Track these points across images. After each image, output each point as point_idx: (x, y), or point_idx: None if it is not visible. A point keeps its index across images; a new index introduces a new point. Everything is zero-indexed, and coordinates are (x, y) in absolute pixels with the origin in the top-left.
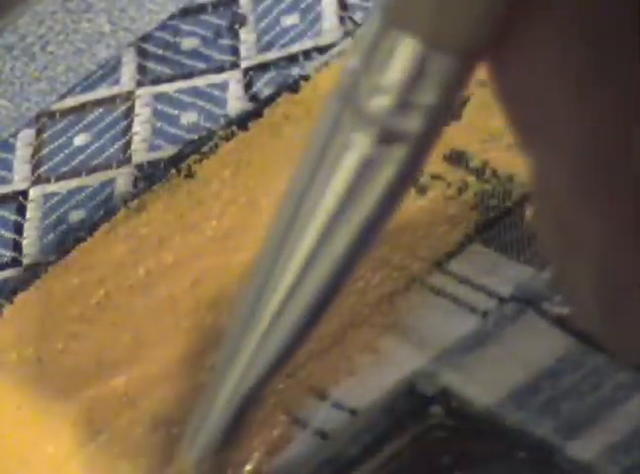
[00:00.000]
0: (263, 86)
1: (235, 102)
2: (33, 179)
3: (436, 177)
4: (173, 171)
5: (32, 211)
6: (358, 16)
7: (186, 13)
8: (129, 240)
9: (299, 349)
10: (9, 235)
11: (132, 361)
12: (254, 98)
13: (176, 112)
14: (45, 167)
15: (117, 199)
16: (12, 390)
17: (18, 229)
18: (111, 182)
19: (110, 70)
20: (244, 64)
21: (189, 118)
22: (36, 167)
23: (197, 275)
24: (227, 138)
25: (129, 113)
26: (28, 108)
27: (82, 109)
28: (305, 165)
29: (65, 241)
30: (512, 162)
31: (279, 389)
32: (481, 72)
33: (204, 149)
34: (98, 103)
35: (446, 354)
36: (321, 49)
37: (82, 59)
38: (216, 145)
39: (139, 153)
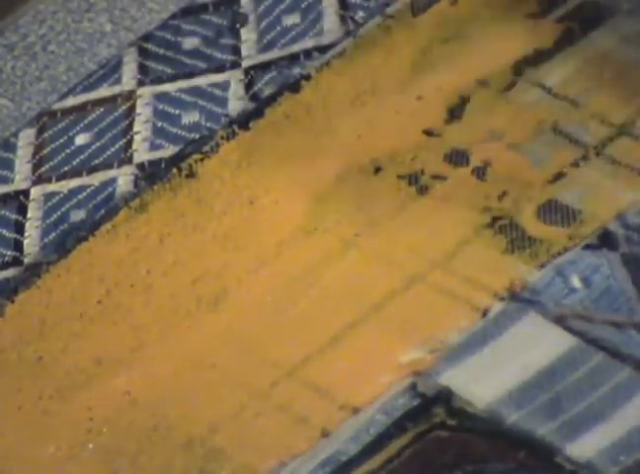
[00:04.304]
0: (264, 85)
1: (236, 101)
2: (34, 178)
3: (436, 177)
4: (174, 170)
5: (33, 211)
6: (359, 15)
7: (187, 12)
8: (130, 239)
9: None
10: (10, 234)
11: (133, 361)
12: (255, 97)
13: (177, 111)
14: (46, 166)
15: (117, 199)
16: (12, 390)
17: (19, 229)
18: (112, 181)
19: (111, 70)
20: (245, 64)
21: (190, 117)
22: (37, 166)
23: (197, 274)
24: (228, 138)
25: (130, 112)
26: (29, 107)
27: (83, 108)
28: None
29: (66, 240)
30: (512, 161)
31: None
32: (481, 72)
33: (206, 149)
34: (99, 102)
35: (447, 353)
36: (322, 49)
37: (83, 59)
38: (217, 145)
39: (140, 153)
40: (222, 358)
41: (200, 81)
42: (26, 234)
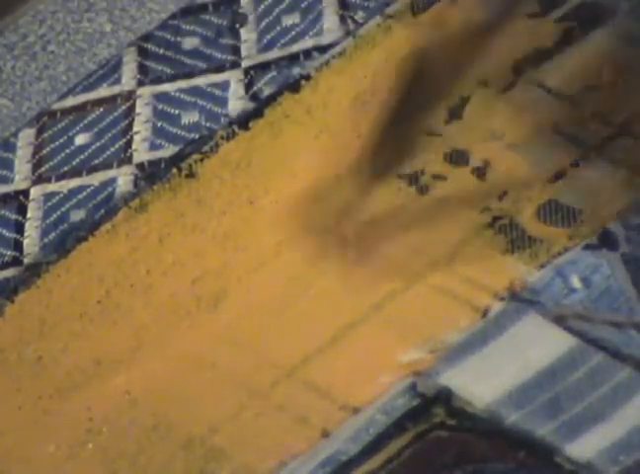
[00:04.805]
0: (263, 85)
1: (236, 101)
2: (33, 178)
3: (436, 176)
4: (174, 170)
5: (32, 211)
6: (358, 15)
7: (187, 12)
8: (130, 239)
9: None
10: (10, 235)
11: (133, 361)
12: (255, 97)
13: (177, 111)
14: (46, 166)
15: (117, 199)
16: (12, 390)
17: (19, 229)
18: (111, 181)
19: (110, 70)
20: (245, 64)
21: (190, 117)
22: (36, 166)
23: (197, 274)
24: (228, 138)
25: (130, 112)
26: (29, 107)
27: (83, 108)
28: None
29: (66, 240)
30: (512, 161)
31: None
32: (481, 72)
33: (205, 149)
34: (99, 102)
35: (447, 353)
36: (322, 49)
37: (83, 59)
38: (217, 145)
39: (140, 153)
40: (222, 358)
41: (200, 81)
42: (26, 234)
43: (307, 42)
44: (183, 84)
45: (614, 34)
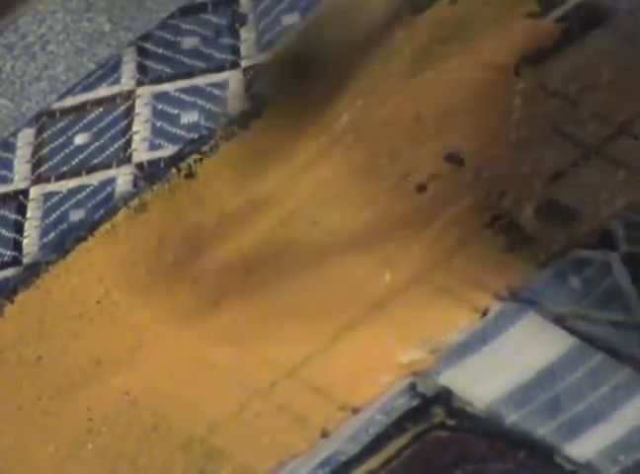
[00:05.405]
0: (263, 85)
1: (235, 101)
2: (33, 178)
3: (435, 176)
4: (173, 170)
5: (32, 211)
6: None
7: (186, 12)
8: (129, 239)
9: None
10: (9, 234)
11: (132, 360)
12: (254, 97)
13: (176, 111)
14: (46, 166)
15: (117, 199)
16: (12, 390)
17: (18, 228)
18: (111, 181)
19: (110, 69)
20: (244, 63)
21: (189, 117)
22: (36, 166)
23: (196, 274)
24: (228, 138)
25: (130, 112)
26: (28, 107)
27: (82, 108)
28: None
29: (65, 240)
30: (511, 162)
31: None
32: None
33: (205, 148)
34: (98, 102)
35: (447, 353)
36: None
37: (82, 59)
38: (217, 144)
39: (140, 152)
40: (221, 359)
41: (200, 81)
42: (25, 234)
43: None
44: (182, 84)
45: (614, 34)
